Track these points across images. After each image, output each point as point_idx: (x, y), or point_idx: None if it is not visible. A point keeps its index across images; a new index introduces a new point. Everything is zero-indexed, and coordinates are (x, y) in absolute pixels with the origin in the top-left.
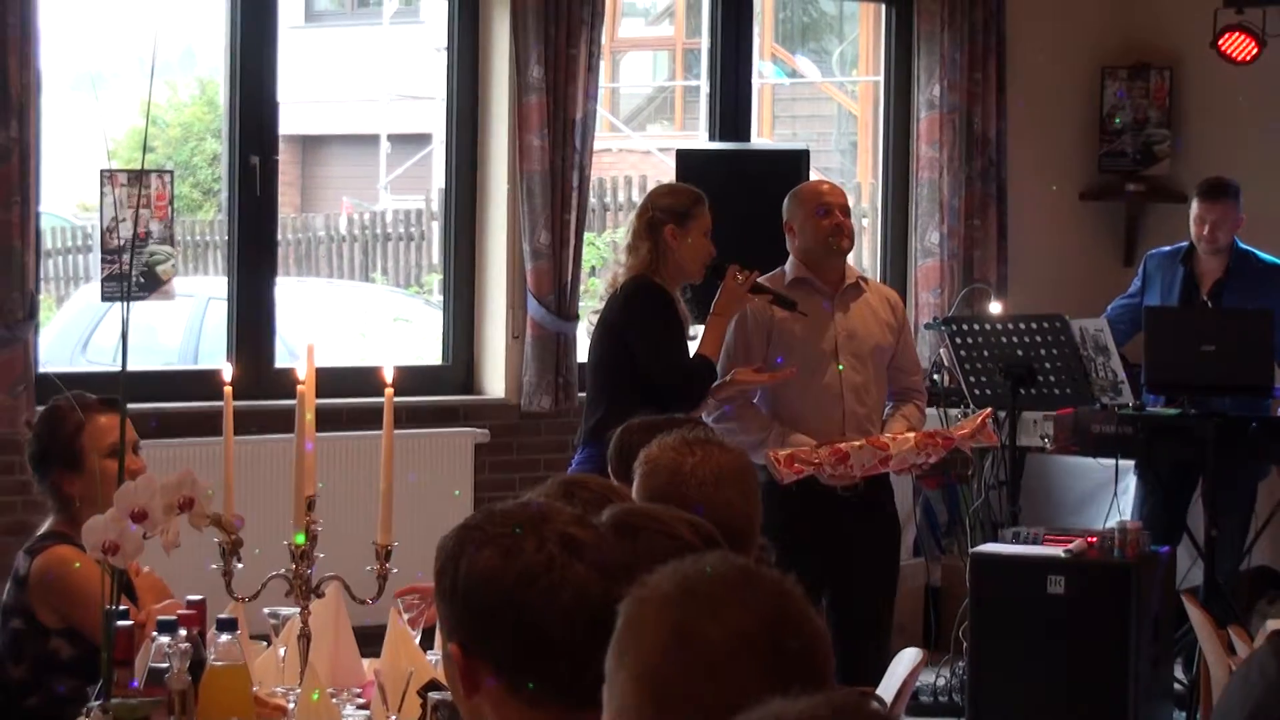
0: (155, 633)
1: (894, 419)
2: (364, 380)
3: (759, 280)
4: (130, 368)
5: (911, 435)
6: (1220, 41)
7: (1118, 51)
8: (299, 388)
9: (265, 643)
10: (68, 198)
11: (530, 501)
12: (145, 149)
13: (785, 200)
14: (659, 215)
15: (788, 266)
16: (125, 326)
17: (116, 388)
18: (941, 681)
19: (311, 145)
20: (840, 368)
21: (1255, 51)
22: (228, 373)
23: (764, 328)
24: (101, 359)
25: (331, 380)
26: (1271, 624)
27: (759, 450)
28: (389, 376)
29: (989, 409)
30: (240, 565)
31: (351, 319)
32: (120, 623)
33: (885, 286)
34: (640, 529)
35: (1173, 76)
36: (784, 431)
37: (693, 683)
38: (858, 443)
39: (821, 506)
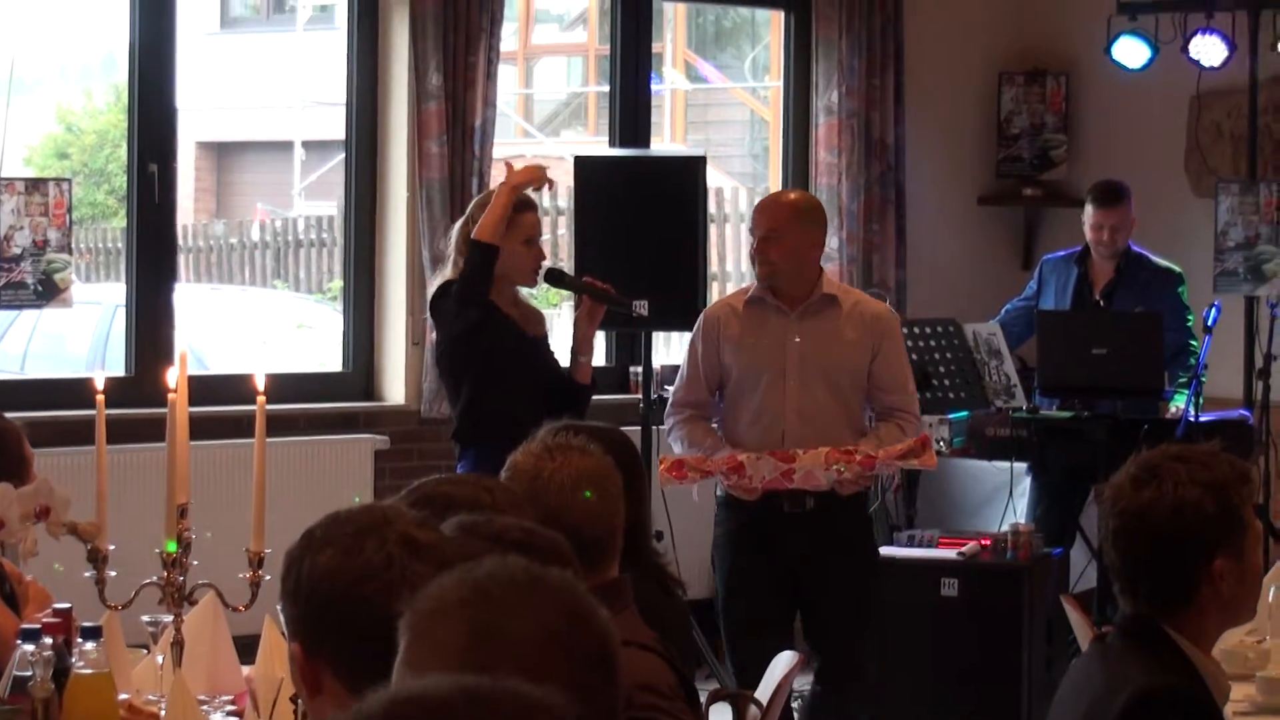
0: (19, 640)
1: (867, 438)
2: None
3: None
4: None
5: (823, 450)
6: (1114, 48)
7: (1014, 57)
8: (170, 395)
9: (145, 650)
10: None
11: (374, 505)
12: None
13: None
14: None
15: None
16: None
17: (18, 396)
18: None
19: (227, 152)
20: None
21: (1148, 57)
22: (100, 381)
23: (714, 346)
24: (10, 367)
25: (224, 388)
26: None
27: None
28: (260, 384)
29: (925, 432)
30: (114, 574)
31: (257, 325)
32: None
33: (872, 300)
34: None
35: (1068, 82)
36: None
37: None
38: (757, 455)
39: (774, 524)
